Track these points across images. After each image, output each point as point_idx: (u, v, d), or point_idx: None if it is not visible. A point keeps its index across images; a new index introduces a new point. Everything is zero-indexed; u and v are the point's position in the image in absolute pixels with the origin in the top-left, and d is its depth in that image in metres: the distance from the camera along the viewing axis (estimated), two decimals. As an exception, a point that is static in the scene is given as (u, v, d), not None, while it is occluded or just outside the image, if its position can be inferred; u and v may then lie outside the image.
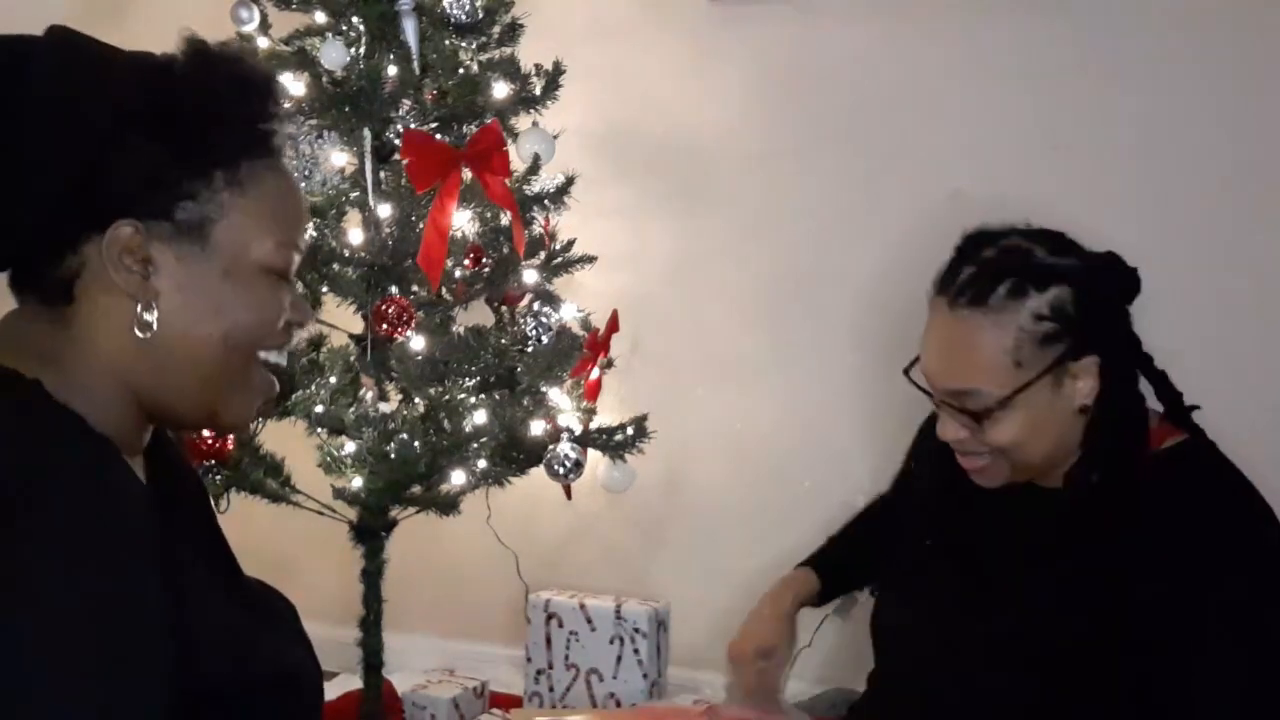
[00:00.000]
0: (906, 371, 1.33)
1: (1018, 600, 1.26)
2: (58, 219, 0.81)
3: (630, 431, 2.04)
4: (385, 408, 1.85)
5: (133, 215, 0.82)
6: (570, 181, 2.05)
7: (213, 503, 1.04)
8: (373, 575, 1.97)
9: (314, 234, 1.89)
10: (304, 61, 1.89)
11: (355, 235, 1.88)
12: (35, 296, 0.85)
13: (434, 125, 1.94)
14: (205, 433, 1.73)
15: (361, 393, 1.88)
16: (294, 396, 1.82)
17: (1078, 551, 1.23)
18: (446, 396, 1.87)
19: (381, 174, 1.92)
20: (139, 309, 0.83)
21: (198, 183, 0.84)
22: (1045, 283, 1.22)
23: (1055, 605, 1.23)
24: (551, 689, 2.22)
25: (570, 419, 1.98)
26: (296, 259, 0.91)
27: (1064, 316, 1.21)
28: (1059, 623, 1.22)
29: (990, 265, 1.24)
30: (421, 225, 1.83)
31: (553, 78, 2.02)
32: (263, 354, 0.90)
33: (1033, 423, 1.23)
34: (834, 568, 1.60)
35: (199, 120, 0.84)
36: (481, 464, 1.90)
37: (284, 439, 1.88)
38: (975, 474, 1.31)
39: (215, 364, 0.86)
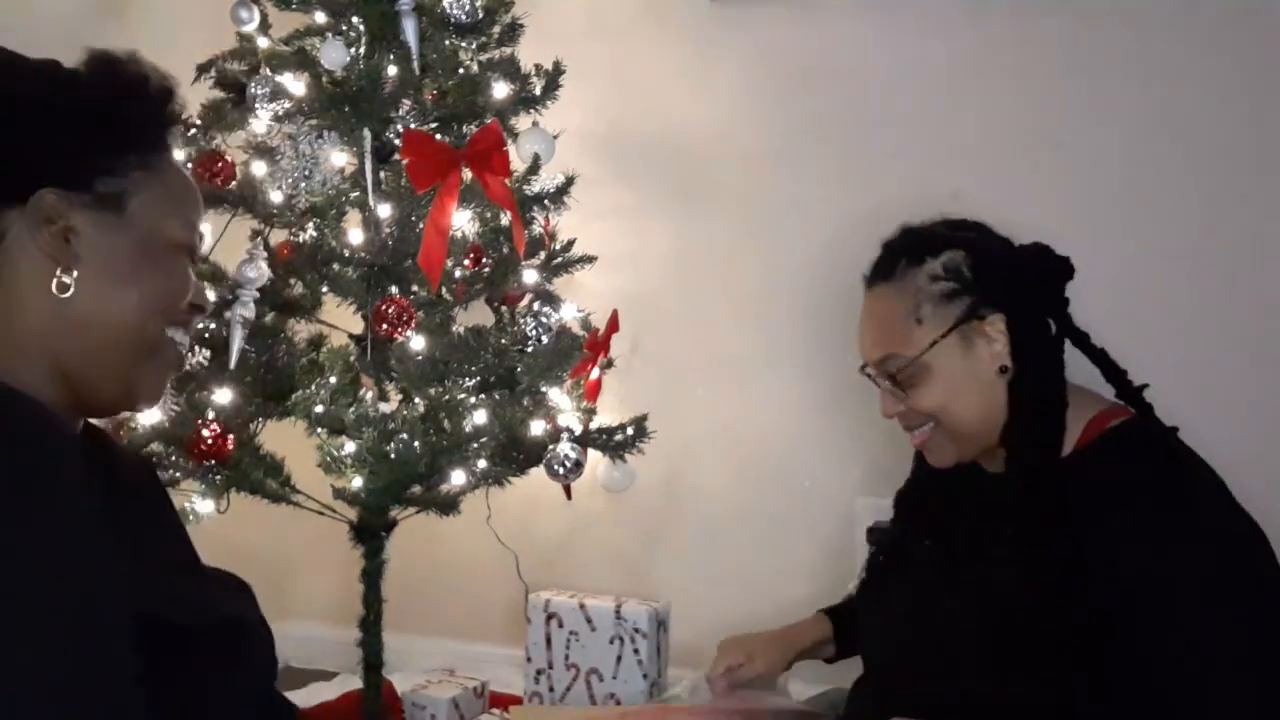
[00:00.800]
0: (862, 369, 1.42)
1: (984, 583, 1.28)
2: None
3: (630, 431, 2.04)
4: (385, 408, 1.85)
5: (56, 185, 0.87)
6: (570, 181, 2.05)
7: (171, 499, 1.08)
8: (373, 575, 1.97)
9: (314, 234, 1.90)
10: (304, 61, 1.89)
11: (355, 235, 1.88)
12: None
13: (434, 125, 1.94)
14: (205, 433, 1.73)
15: (361, 393, 1.88)
16: (294, 396, 1.82)
17: (1034, 531, 1.26)
18: (446, 396, 1.87)
19: (381, 174, 1.92)
20: (59, 271, 0.87)
21: (114, 159, 0.90)
22: (939, 249, 1.33)
23: (1018, 587, 1.25)
24: (551, 689, 2.22)
25: (570, 419, 1.98)
26: (199, 242, 0.98)
27: (959, 275, 1.32)
28: (1022, 603, 1.24)
29: (895, 243, 1.38)
30: (421, 225, 1.83)
31: (553, 78, 2.02)
32: (169, 331, 0.95)
33: (953, 384, 1.31)
34: (850, 617, 1.62)
35: (115, 103, 0.90)
36: (481, 464, 1.90)
37: (284, 439, 1.88)
38: (925, 451, 1.39)
39: (130, 331, 0.91)
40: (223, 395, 1.78)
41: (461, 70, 1.96)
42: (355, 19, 1.93)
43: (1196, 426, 1.37)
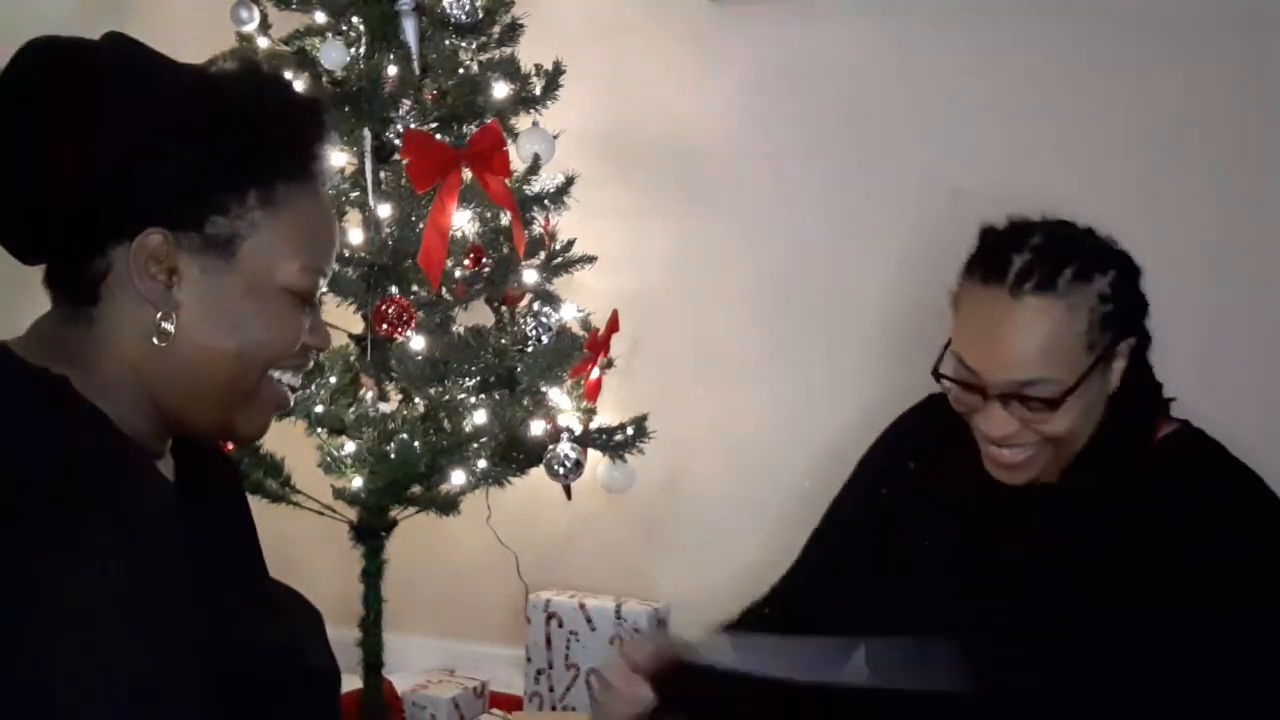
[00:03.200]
0: (936, 370, 1.27)
1: (1040, 607, 1.24)
2: (91, 220, 0.82)
3: (630, 431, 2.04)
4: (385, 408, 1.85)
5: (163, 224, 0.83)
6: (570, 181, 2.05)
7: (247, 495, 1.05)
8: (373, 575, 1.97)
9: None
10: (304, 61, 1.89)
11: (355, 235, 1.88)
12: (61, 294, 0.86)
13: (434, 125, 1.94)
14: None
15: (361, 393, 1.88)
16: (294, 396, 1.82)
17: (1094, 546, 1.23)
18: (446, 396, 1.87)
19: (381, 174, 1.92)
20: (158, 318, 0.84)
21: (230, 198, 0.85)
22: (1105, 266, 1.22)
23: (1077, 601, 1.22)
24: (551, 689, 2.22)
25: (570, 419, 1.98)
26: (322, 284, 0.92)
27: (1121, 297, 1.21)
28: (1087, 627, 1.21)
29: (1050, 250, 1.22)
30: (421, 225, 1.83)
31: (553, 78, 2.02)
32: (276, 373, 0.91)
33: (1086, 408, 1.22)
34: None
35: (238, 137, 0.85)
36: (481, 464, 1.90)
37: (284, 439, 1.88)
38: (1010, 469, 1.25)
39: (227, 378, 0.87)
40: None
41: (461, 70, 1.96)
42: (355, 19, 1.93)
43: (1210, 424, 1.36)
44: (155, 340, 0.84)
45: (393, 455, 1.81)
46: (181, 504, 0.83)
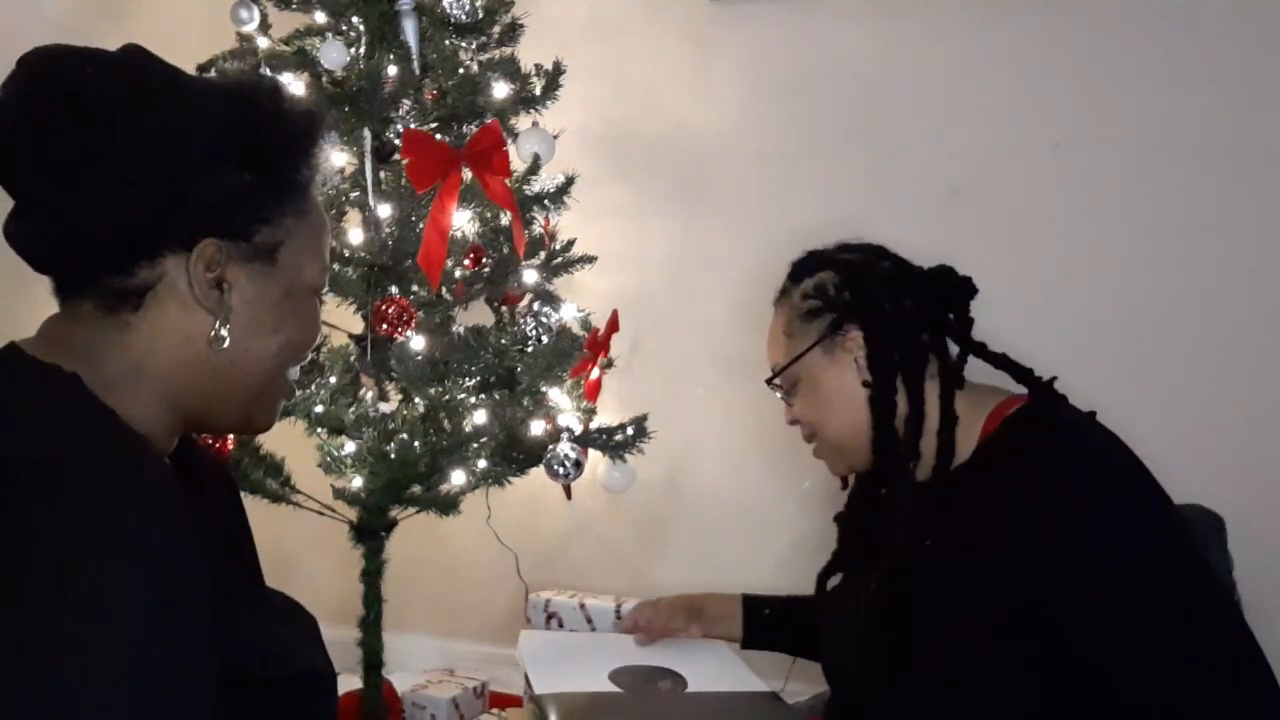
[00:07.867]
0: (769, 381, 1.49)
1: (903, 604, 1.31)
2: (145, 231, 0.86)
3: (630, 431, 2.04)
4: (385, 408, 1.85)
5: (218, 235, 0.87)
6: (570, 181, 2.05)
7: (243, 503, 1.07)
8: (373, 575, 1.97)
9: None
10: (304, 61, 1.89)
11: (355, 235, 1.88)
12: (93, 302, 0.87)
13: (434, 125, 1.94)
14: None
15: (361, 393, 1.88)
16: (294, 396, 1.82)
17: (936, 538, 1.29)
18: (446, 396, 1.87)
19: (381, 174, 1.92)
20: (216, 324, 0.88)
21: (273, 208, 0.90)
22: (814, 269, 1.43)
23: (937, 610, 1.27)
24: (551, 689, 2.22)
25: (570, 419, 1.98)
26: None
27: (824, 295, 1.40)
28: (944, 628, 1.26)
29: (794, 267, 1.48)
30: (421, 225, 1.83)
31: (553, 78, 2.02)
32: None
33: (822, 397, 1.40)
34: (766, 608, 1.67)
35: (279, 151, 0.91)
36: (481, 464, 1.90)
37: (284, 439, 1.88)
38: (824, 461, 1.46)
39: (264, 376, 0.92)
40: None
41: (461, 70, 1.96)
42: (355, 19, 1.93)
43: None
44: (210, 345, 0.88)
45: (393, 455, 1.81)
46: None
